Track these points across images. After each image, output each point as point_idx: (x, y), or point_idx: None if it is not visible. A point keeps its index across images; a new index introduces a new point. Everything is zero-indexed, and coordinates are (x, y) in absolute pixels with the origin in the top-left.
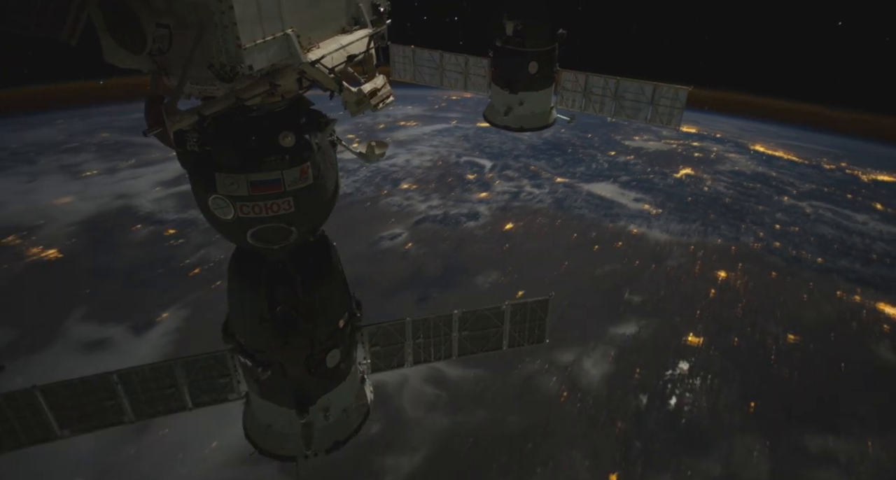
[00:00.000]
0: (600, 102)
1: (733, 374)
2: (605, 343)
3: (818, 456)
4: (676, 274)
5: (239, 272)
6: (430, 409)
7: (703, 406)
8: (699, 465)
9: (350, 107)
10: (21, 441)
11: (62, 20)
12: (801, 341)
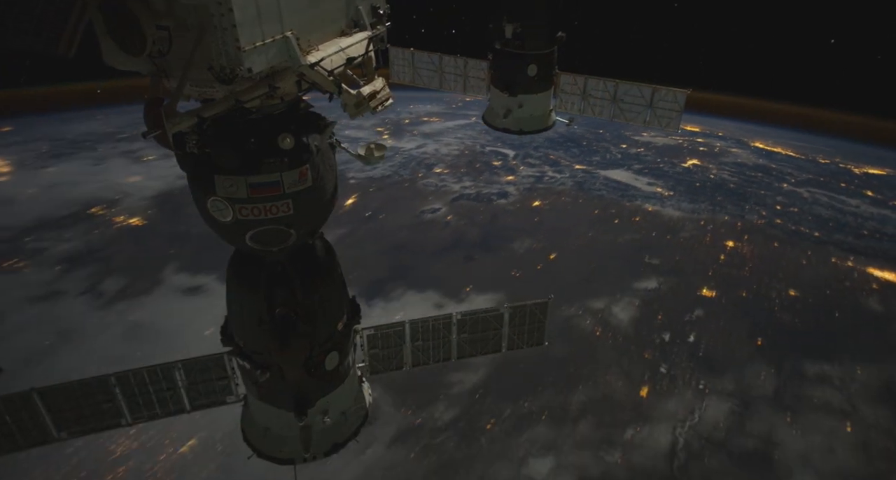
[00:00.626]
0: (599, 105)
1: (742, 319)
2: (630, 294)
3: (815, 379)
4: (689, 243)
5: (238, 274)
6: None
7: (718, 341)
8: (715, 384)
9: (349, 110)
10: (19, 443)
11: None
12: (801, 295)
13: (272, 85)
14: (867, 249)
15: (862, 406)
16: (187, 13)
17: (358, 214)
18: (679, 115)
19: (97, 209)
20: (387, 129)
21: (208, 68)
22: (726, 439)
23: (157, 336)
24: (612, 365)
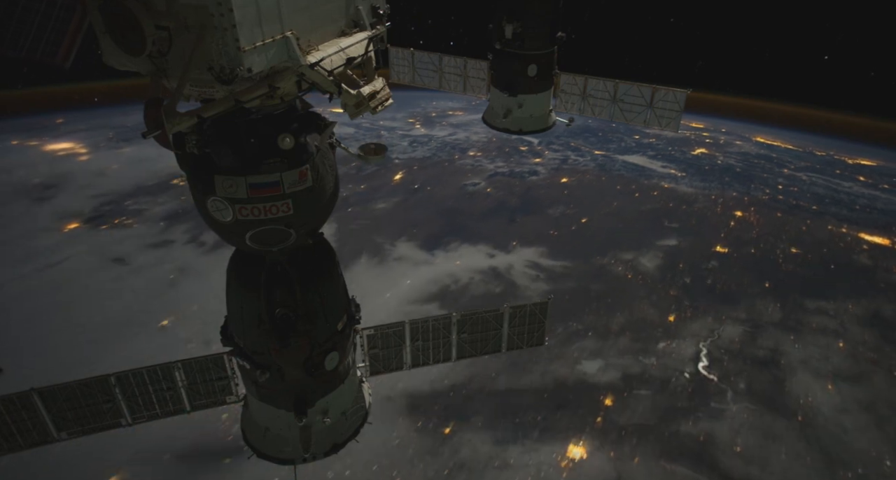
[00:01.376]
0: (599, 105)
1: (752, 268)
2: (654, 249)
3: (814, 310)
4: (703, 212)
5: (238, 274)
6: (534, 280)
7: (731, 284)
8: (730, 313)
9: (349, 110)
10: (19, 443)
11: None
12: (802, 252)
13: (272, 85)
14: (859, 219)
15: (852, 328)
16: (187, 13)
17: (407, 187)
18: (679, 115)
19: (178, 180)
20: (418, 121)
21: (208, 68)
22: (741, 350)
23: None
24: (644, 299)
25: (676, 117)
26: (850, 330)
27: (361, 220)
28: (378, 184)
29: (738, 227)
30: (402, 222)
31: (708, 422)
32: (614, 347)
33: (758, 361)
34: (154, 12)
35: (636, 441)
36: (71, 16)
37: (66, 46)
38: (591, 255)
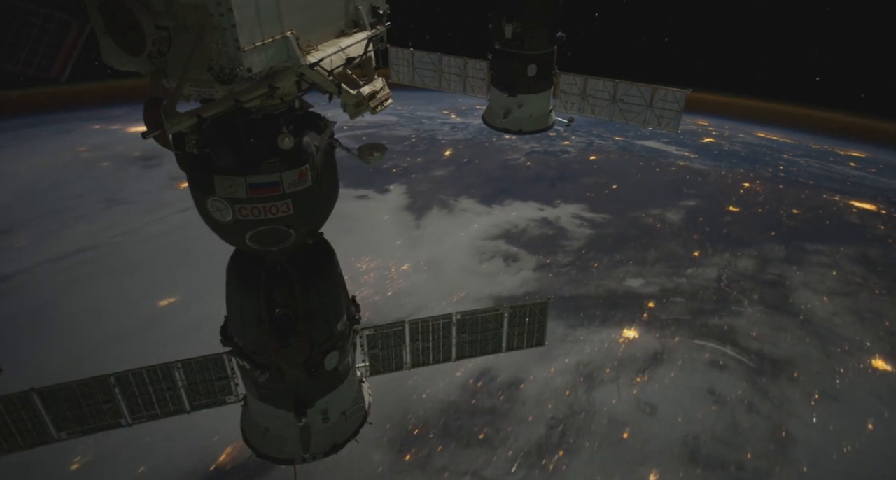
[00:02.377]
0: (599, 105)
1: (760, 222)
2: (677, 207)
3: (812, 251)
4: (715, 182)
5: (238, 274)
6: (580, 226)
7: (744, 232)
8: (744, 251)
9: (349, 110)
10: (18, 443)
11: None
12: (801, 212)
13: (272, 85)
14: (850, 191)
15: (843, 263)
16: (187, 13)
17: (458, 160)
18: (679, 115)
19: None
20: (452, 112)
21: (208, 68)
22: (753, 275)
23: (353, 223)
24: (672, 241)
25: (676, 117)
26: (842, 264)
27: (426, 184)
28: (432, 158)
29: (747, 194)
30: (459, 185)
31: (730, 318)
32: (652, 271)
33: (767, 282)
34: (154, 12)
35: (675, 329)
36: (68, 30)
37: (61, 60)
38: (625, 210)
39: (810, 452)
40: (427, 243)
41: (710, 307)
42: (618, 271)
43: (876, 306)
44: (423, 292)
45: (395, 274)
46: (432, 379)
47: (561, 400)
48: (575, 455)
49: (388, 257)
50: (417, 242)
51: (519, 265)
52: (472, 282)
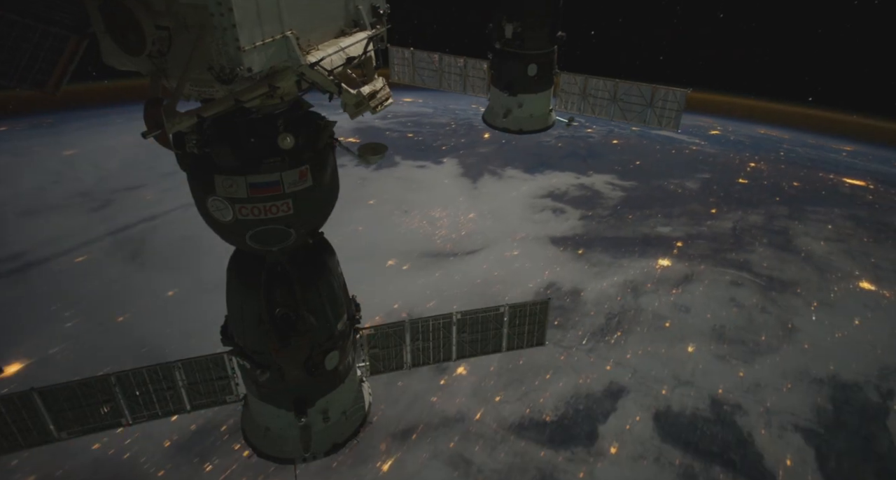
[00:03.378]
0: (599, 105)
1: (766, 191)
2: (694, 178)
3: (811, 211)
4: (725, 162)
5: (238, 274)
6: (613, 190)
7: (752, 197)
8: (753, 210)
9: (349, 110)
10: (18, 443)
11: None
12: (801, 185)
13: (272, 85)
14: (842, 172)
15: (836, 221)
16: (187, 13)
17: (497, 140)
18: (679, 114)
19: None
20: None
21: (208, 68)
22: (762, 226)
23: (420, 184)
24: (692, 201)
25: (677, 116)
26: (835, 220)
27: (473, 158)
28: (473, 140)
29: (753, 171)
30: (503, 158)
31: (744, 254)
32: (677, 222)
33: (773, 231)
34: (154, 12)
35: (700, 260)
36: (65, 46)
37: (56, 75)
38: (649, 179)
39: (810, 336)
40: (485, 199)
41: (727, 247)
42: (649, 221)
43: (863, 248)
44: (490, 232)
45: (464, 219)
46: (514, 286)
47: (614, 302)
48: (629, 335)
49: (456, 208)
50: (477, 198)
51: (565, 216)
52: (528, 226)
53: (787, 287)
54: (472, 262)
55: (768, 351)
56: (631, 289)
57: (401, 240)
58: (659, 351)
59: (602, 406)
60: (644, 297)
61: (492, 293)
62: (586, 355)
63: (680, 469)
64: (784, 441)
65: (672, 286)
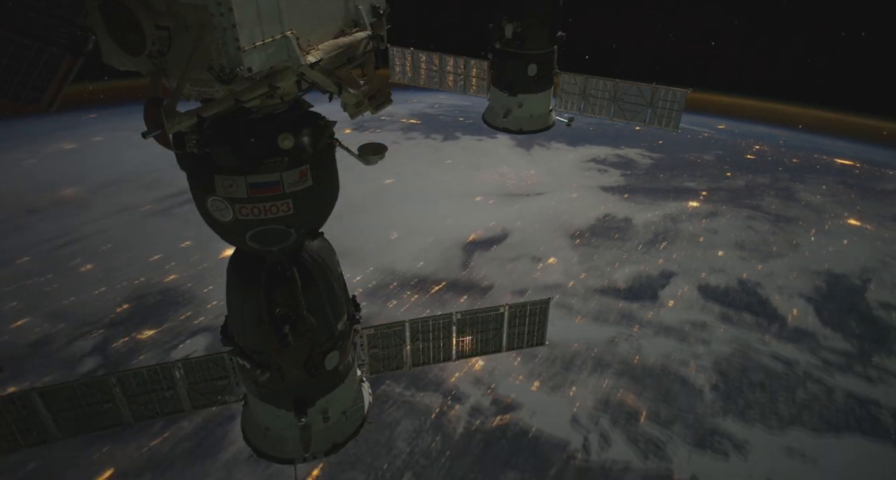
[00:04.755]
0: (599, 104)
1: (770, 163)
2: (708, 153)
3: (809, 178)
4: (733, 145)
5: (238, 273)
6: (643, 159)
7: (759, 167)
8: (760, 175)
9: (349, 110)
10: (18, 443)
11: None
12: (799, 161)
13: (272, 85)
14: (837, 153)
15: (830, 184)
16: (187, 13)
17: None
18: (679, 114)
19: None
20: None
21: (208, 68)
22: (769, 184)
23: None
24: (710, 168)
25: (677, 116)
26: (829, 184)
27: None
28: None
29: (758, 152)
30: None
31: (756, 201)
32: (700, 180)
33: (778, 188)
34: (154, 12)
35: (721, 203)
36: (59, 64)
37: (51, 91)
38: (672, 153)
39: (810, 249)
40: (540, 161)
41: (742, 196)
42: (677, 179)
43: (851, 201)
44: (550, 182)
45: (527, 174)
46: (578, 215)
47: (658, 226)
48: (672, 245)
49: (518, 167)
50: (533, 161)
51: (609, 174)
52: (580, 179)
53: (792, 220)
54: (541, 200)
55: (779, 256)
56: (670, 219)
57: (481, 186)
58: (697, 254)
59: (659, 281)
60: (681, 224)
61: (562, 219)
62: (642, 255)
63: (719, 315)
64: (791, 302)
65: (702, 217)
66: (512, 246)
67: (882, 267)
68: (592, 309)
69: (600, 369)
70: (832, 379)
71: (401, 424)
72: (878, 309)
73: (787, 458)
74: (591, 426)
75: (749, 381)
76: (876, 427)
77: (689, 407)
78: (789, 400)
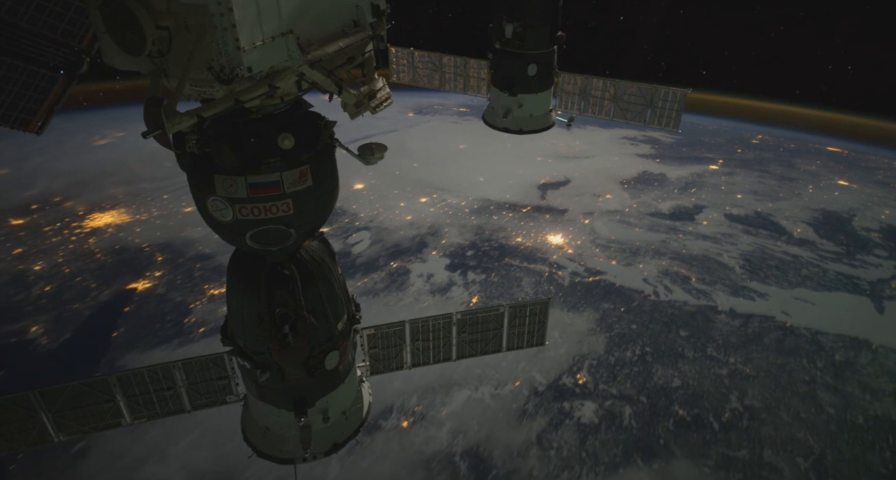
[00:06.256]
0: (599, 104)
1: (772, 146)
2: (718, 137)
3: (805, 156)
4: (739, 133)
5: (238, 274)
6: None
7: (763, 148)
8: (766, 153)
9: (349, 110)
10: (18, 442)
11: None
12: (796, 146)
13: (272, 85)
14: (826, 144)
15: (823, 161)
16: (187, 13)
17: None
18: (680, 114)
19: None
20: None
21: (208, 68)
22: (773, 158)
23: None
24: (723, 147)
25: (677, 116)
26: (823, 161)
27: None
28: None
29: (761, 140)
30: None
31: (763, 166)
32: (715, 153)
33: (781, 160)
34: (154, 12)
35: (735, 167)
36: (51, 87)
37: (40, 115)
38: (688, 136)
39: (810, 197)
40: (580, 137)
41: (752, 164)
42: (697, 151)
43: (840, 171)
44: (593, 150)
45: (573, 145)
46: (622, 173)
47: (688, 179)
48: (701, 190)
49: (562, 140)
50: (573, 137)
51: (640, 146)
52: (616, 149)
53: (793, 180)
54: (589, 161)
55: (784, 199)
56: (696, 175)
57: (538, 151)
58: (720, 196)
59: (693, 210)
60: (705, 178)
61: (610, 172)
62: (678, 195)
63: (742, 230)
64: (796, 224)
65: (721, 175)
66: (575, 187)
67: (864, 208)
68: (646, 224)
69: (658, 255)
70: (826, 264)
71: (523, 280)
72: (860, 230)
73: (795, 301)
74: (656, 283)
75: (767, 264)
76: (856, 288)
77: (726, 276)
78: (796, 274)
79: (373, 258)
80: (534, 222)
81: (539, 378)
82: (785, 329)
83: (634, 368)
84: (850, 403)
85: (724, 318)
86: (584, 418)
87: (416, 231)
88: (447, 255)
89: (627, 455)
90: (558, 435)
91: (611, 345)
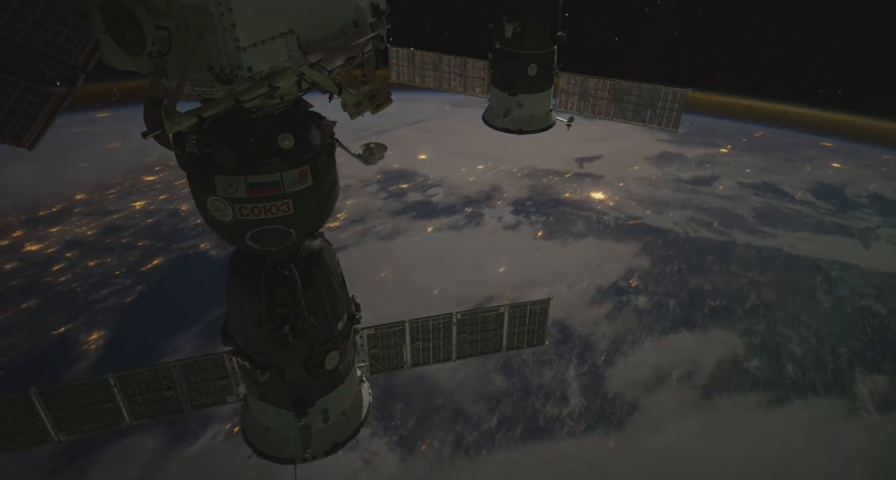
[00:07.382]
0: (599, 104)
1: (773, 138)
2: (725, 129)
3: (803, 147)
4: (742, 127)
5: (238, 273)
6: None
7: (766, 138)
8: (770, 142)
9: (349, 110)
10: (17, 443)
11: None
12: (794, 140)
13: (272, 85)
14: (821, 138)
15: (820, 150)
16: (187, 12)
17: None
18: (680, 114)
19: None
20: None
21: (208, 68)
22: (776, 145)
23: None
24: (729, 137)
25: (677, 116)
26: (819, 150)
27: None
28: None
29: (763, 134)
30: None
31: (770, 151)
32: (723, 141)
33: (783, 147)
34: (154, 12)
35: (743, 151)
36: (46, 102)
37: (33, 130)
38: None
39: (807, 172)
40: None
41: (756, 150)
42: (708, 139)
43: (835, 156)
44: (613, 135)
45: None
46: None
47: (702, 157)
48: (714, 166)
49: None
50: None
51: (655, 133)
52: (635, 135)
53: (794, 162)
54: (612, 142)
55: (786, 174)
56: (709, 155)
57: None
58: (733, 170)
59: (709, 179)
60: (717, 157)
61: (634, 151)
62: (696, 167)
63: (752, 193)
64: (796, 190)
65: (730, 156)
66: (605, 161)
67: (855, 181)
68: (671, 186)
69: (684, 207)
70: (823, 217)
71: (577, 221)
72: (852, 196)
73: (799, 240)
74: (685, 226)
75: (774, 216)
76: (848, 232)
77: (742, 222)
78: (799, 222)
79: (451, 205)
80: (577, 183)
81: (600, 281)
82: (792, 256)
83: (674, 278)
84: (841, 300)
85: (743, 249)
86: (640, 305)
87: (481, 187)
88: (510, 204)
89: (675, 326)
90: (621, 314)
91: (654, 263)
